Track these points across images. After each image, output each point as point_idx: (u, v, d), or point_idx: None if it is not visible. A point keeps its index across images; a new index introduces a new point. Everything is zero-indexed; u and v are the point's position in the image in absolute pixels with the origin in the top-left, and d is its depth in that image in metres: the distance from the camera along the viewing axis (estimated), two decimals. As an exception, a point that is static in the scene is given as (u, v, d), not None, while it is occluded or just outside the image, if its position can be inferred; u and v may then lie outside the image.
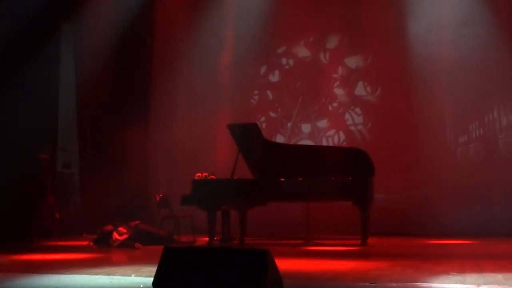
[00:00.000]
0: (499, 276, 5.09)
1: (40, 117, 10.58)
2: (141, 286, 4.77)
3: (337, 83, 11.71)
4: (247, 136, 8.62)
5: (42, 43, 10.71)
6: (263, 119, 11.96)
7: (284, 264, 5.14)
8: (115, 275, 5.43)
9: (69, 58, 11.68)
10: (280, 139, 11.61)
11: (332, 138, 11.59)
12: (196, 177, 8.87)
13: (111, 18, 11.14)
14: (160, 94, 11.95)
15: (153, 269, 3.84)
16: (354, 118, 11.53)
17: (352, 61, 11.66)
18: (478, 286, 4.57)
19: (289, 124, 11.82)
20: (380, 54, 11.25)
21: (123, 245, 8.24)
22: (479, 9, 10.47)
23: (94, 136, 11.29)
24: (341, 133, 11.56)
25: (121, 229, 8.44)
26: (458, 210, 10.09)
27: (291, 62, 12.06)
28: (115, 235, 8.39)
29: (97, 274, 5.51)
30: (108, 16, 11.14)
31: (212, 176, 9.00)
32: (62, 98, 11.47)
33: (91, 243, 8.55)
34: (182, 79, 11.95)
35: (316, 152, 8.93)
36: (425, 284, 4.70)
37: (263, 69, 12.18)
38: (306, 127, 11.79)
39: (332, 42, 11.83)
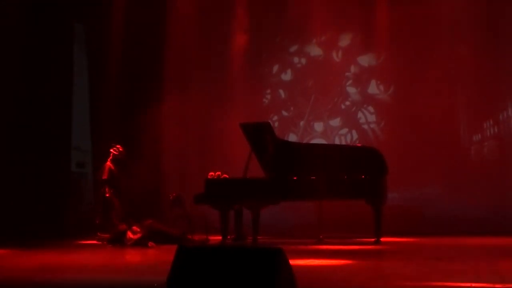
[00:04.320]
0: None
1: (54, 117, 10.68)
2: (155, 285, 4.78)
3: (350, 81, 11.68)
4: (260, 135, 8.62)
5: (56, 44, 10.81)
6: (275, 118, 11.95)
7: (297, 263, 5.14)
8: (129, 274, 5.46)
9: (82, 58, 11.78)
10: (292, 138, 11.60)
11: (345, 136, 11.56)
12: (209, 176, 8.90)
13: (122, 18, 11.21)
14: (172, 95, 11.98)
15: (167, 268, 3.86)
16: (367, 117, 11.49)
17: (365, 60, 11.62)
18: (494, 285, 4.53)
19: (301, 123, 11.80)
20: (392, 52, 11.20)
21: (137, 244, 8.28)
22: (492, 9, 10.41)
23: (107, 135, 11.35)
24: (354, 131, 11.53)
25: (135, 228, 8.48)
26: (472, 209, 10.02)
27: (304, 60, 12.05)
28: (129, 234, 8.43)
29: (112, 273, 5.54)
30: (120, 16, 11.20)
31: (224, 175, 9.02)
32: (75, 97, 11.56)
33: (105, 242, 8.60)
34: (194, 79, 11.98)
35: (328, 151, 8.91)
36: (439, 283, 4.68)
37: (275, 68, 12.18)
38: (318, 126, 11.77)
39: (345, 40, 11.80)
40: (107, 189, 9.16)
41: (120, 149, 9.47)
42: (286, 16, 11.53)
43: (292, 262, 3.92)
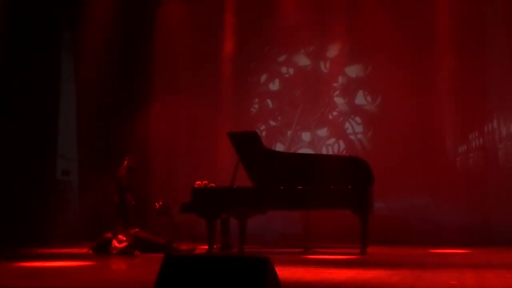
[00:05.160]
0: (499, 285, 5.08)
1: (40, 124, 10.61)
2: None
3: (337, 92, 11.75)
4: (247, 144, 8.63)
5: (43, 52, 10.76)
6: (263, 127, 11.98)
7: (283, 273, 5.13)
8: (115, 283, 5.41)
9: (69, 66, 11.73)
10: (280, 147, 11.63)
11: (332, 146, 11.61)
12: (196, 185, 8.87)
13: (110, 26, 11.19)
14: (160, 104, 11.98)
15: (153, 277, 3.83)
16: (354, 127, 11.56)
17: (352, 70, 11.71)
18: (478, 295, 4.56)
19: (289, 133, 11.84)
20: (380, 63, 11.30)
21: (122, 252, 8.22)
22: (479, 23, 10.57)
23: (93, 143, 11.30)
24: (341, 141, 11.59)
25: (120, 236, 8.42)
26: (457, 219, 10.09)
27: (291, 70, 12.11)
28: (115, 243, 8.36)
29: (97, 282, 5.49)
30: (107, 24, 11.19)
31: (211, 184, 9.00)
32: (62, 105, 11.50)
33: (90, 251, 8.53)
34: (182, 87, 11.99)
35: (315, 161, 8.93)
36: (425, 293, 4.69)
37: (263, 78, 12.23)
38: (306, 136, 11.82)
39: (332, 51, 11.89)
40: (130, 197, 9.17)
41: (135, 158, 9.48)
42: (275, 26, 11.59)
43: (278, 271, 3.92)
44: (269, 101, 12.17)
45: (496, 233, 9.85)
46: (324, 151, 11.49)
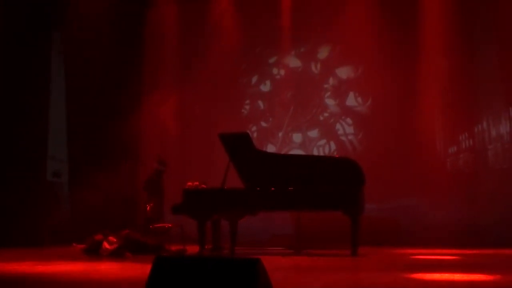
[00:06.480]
0: (489, 286, 5.11)
1: (30, 125, 10.55)
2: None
3: (328, 93, 11.78)
4: (238, 146, 8.62)
5: (33, 52, 10.70)
6: (254, 128, 11.99)
7: (275, 274, 5.13)
8: (106, 285, 5.39)
9: (59, 67, 11.67)
10: (271, 148, 11.64)
11: (323, 148, 11.64)
12: (187, 186, 8.86)
13: (100, 26, 11.16)
14: (151, 105, 11.96)
15: (144, 279, 3.82)
16: (345, 128, 11.60)
17: (343, 72, 11.75)
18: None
19: (280, 134, 11.86)
20: (370, 65, 11.34)
21: (113, 254, 8.19)
22: (469, 25, 10.63)
23: (84, 145, 11.25)
24: (332, 143, 11.62)
25: (111, 238, 8.39)
26: (448, 220, 10.15)
27: (283, 72, 12.13)
28: (105, 245, 8.33)
29: (87, 284, 5.47)
30: (98, 24, 11.15)
31: (203, 185, 8.99)
32: (52, 106, 11.44)
33: (81, 253, 8.49)
34: (173, 89, 11.96)
35: (306, 162, 8.95)
36: (415, 294, 4.71)
37: (254, 79, 12.24)
38: (297, 137, 11.84)
39: (323, 52, 11.92)
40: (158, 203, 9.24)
41: (165, 162, 9.51)
42: (265, 28, 11.61)
43: (269, 273, 3.92)
44: (260, 102, 12.18)
45: (486, 233, 9.91)
46: (315, 152, 11.51)
